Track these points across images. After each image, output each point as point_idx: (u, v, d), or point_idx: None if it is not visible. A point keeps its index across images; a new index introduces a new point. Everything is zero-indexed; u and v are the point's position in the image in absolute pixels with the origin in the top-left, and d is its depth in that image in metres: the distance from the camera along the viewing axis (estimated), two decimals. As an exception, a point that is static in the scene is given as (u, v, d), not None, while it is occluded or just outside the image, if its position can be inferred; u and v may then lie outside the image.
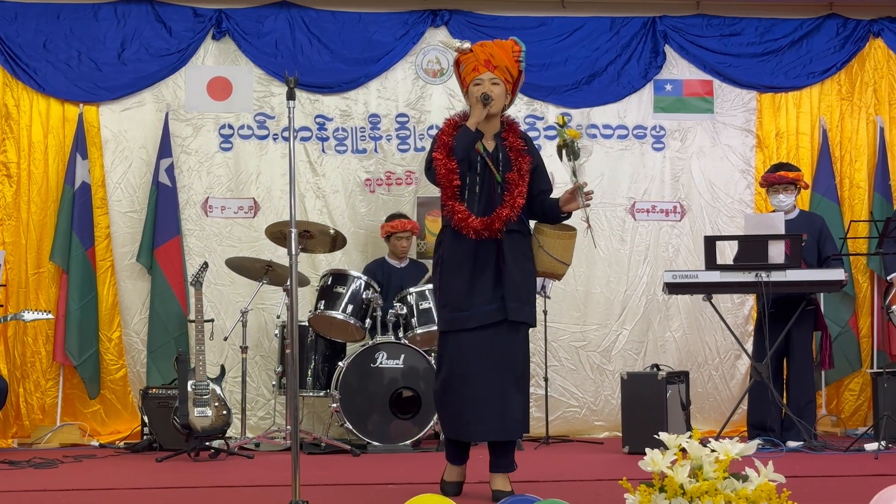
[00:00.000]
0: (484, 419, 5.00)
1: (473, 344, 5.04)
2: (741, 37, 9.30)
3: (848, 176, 9.28)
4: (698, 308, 8.82)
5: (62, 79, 8.75)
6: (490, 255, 5.06)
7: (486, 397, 5.00)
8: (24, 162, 8.73)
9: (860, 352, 9.06)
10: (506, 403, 5.00)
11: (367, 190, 8.94)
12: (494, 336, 5.03)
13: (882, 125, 9.26)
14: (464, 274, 5.10)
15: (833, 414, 9.10)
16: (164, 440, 7.80)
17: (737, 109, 9.29)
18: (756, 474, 3.22)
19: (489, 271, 5.06)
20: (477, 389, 5.00)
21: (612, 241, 9.11)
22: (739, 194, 9.18)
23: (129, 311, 8.80)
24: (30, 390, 8.62)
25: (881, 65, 9.36)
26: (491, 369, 5.01)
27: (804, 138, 9.28)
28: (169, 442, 7.72)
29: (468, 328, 5.05)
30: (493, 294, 5.03)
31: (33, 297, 8.64)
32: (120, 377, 8.70)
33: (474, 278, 5.07)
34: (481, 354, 5.03)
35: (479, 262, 5.07)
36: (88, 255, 8.60)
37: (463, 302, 5.07)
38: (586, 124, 9.10)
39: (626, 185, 9.16)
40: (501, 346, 5.04)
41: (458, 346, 5.09)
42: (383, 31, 9.03)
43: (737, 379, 8.98)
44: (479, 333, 5.04)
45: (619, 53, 9.20)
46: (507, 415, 5.00)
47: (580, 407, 8.95)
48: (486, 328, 5.03)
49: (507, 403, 5.00)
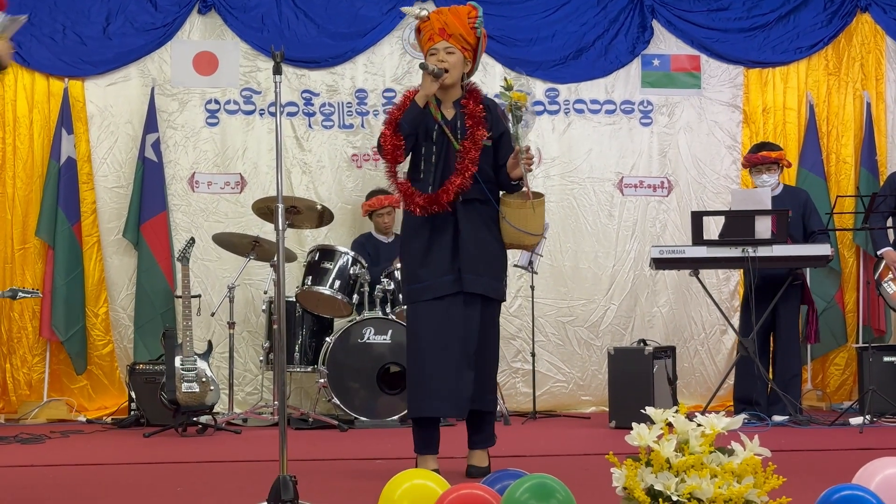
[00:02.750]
0: (438, 395, 4.93)
1: (429, 317, 4.98)
2: (728, 11, 9.30)
3: (835, 151, 9.30)
4: (685, 283, 8.85)
5: (47, 53, 8.71)
6: (447, 226, 4.99)
7: (438, 372, 4.92)
8: (10, 137, 8.71)
9: (846, 327, 9.11)
10: (456, 380, 4.90)
11: (353, 165, 8.95)
12: (449, 309, 4.95)
13: (869, 100, 9.27)
14: (420, 245, 5.05)
15: (818, 388, 9.14)
16: (152, 416, 7.81)
17: (724, 85, 9.30)
18: (742, 448, 3.23)
19: (446, 242, 4.99)
20: (430, 365, 4.94)
21: (599, 217, 9.13)
22: (726, 170, 9.20)
23: (116, 287, 8.79)
24: (16, 366, 8.62)
25: (868, 40, 9.37)
26: (444, 344, 4.93)
27: (791, 114, 9.30)
28: (156, 417, 7.72)
29: (424, 299, 5.00)
30: (450, 266, 4.96)
31: (19, 273, 8.63)
32: (107, 353, 8.70)
33: (430, 250, 5.01)
34: (435, 328, 4.95)
35: (434, 234, 5.01)
36: (74, 231, 8.59)
37: (419, 274, 5.03)
38: (574, 99, 9.13)
39: (614, 160, 9.18)
40: (456, 320, 4.94)
41: (415, 319, 5.07)
42: (370, 6, 8.98)
43: (723, 354, 9.02)
44: (434, 305, 4.97)
45: (607, 28, 9.18)
46: (457, 392, 4.91)
47: (567, 382, 8.98)
48: (442, 300, 4.95)
49: (458, 380, 4.91)
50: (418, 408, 5.03)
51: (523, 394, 8.62)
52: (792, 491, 3.34)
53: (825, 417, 7.85)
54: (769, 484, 3.25)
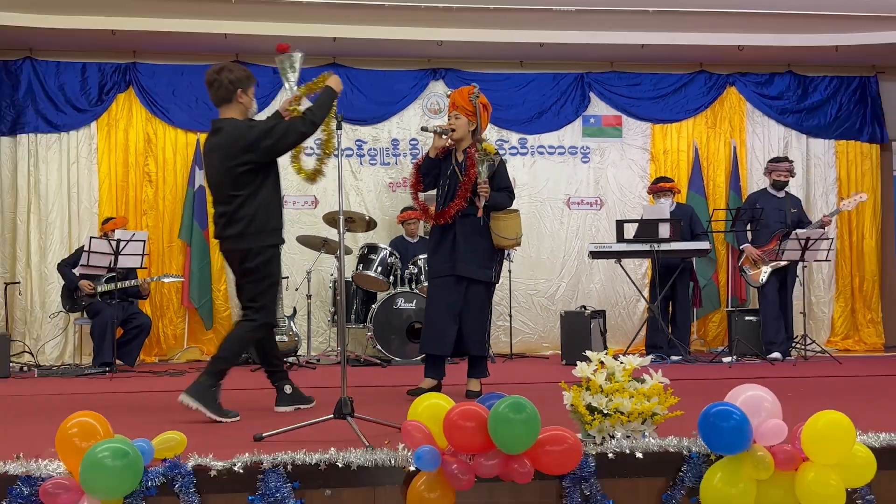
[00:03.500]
0: (431, 340, 5.09)
1: (433, 290, 5.13)
2: (640, 87, 9.26)
3: (712, 179, 9.28)
4: (612, 268, 8.79)
5: (185, 116, 8.71)
6: (450, 232, 5.07)
7: (436, 325, 5.05)
8: (161, 172, 8.72)
9: (720, 296, 9.10)
10: (443, 331, 5.02)
11: (390, 190, 8.93)
12: (446, 285, 5.04)
13: (735, 145, 9.26)
14: (434, 244, 5.17)
15: (701, 338, 9.15)
16: (255, 356, 7.78)
17: (637, 135, 9.27)
18: (650, 378, 3.22)
19: (448, 242, 5.07)
20: (431, 319, 5.09)
21: (554, 224, 9.11)
22: (639, 192, 9.15)
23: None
24: (165, 324, 8.65)
25: (734, 105, 9.36)
26: (441, 307, 5.04)
27: (683, 154, 9.27)
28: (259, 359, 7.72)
29: (431, 278, 5.15)
30: (449, 257, 5.04)
31: (167, 263, 8.66)
32: (226, 315, 8.68)
33: (439, 247, 5.11)
34: (435, 297, 5.09)
35: (442, 237, 5.11)
36: (204, 234, 8.57)
37: (432, 262, 5.17)
38: (537, 145, 9.11)
39: (564, 186, 9.15)
40: (450, 292, 5.03)
41: (429, 290, 5.20)
42: (401, 83, 8.99)
43: (637, 315, 8.98)
44: (436, 282, 5.10)
45: (559, 98, 9.15)
46: (443, 338, 5.03)
47: (533, 334, 8.96)
48: (442, 279, 5.06)
49: (445, 330, 5.02)
50: (422, 348, 5.23)
51: (503, 342, 8.59)
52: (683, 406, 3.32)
53: (706, 357, 7.90)
54: (668, 402, 3.24)
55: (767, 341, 7.69)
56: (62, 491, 2.74)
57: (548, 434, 2.93)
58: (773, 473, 2.95)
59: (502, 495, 3.04)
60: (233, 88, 4.43)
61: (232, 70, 4.46)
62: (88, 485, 2.72)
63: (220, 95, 4.46)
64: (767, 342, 7.69)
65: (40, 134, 8.54)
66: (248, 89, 4.49)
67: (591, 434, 3.15)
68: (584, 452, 3.02)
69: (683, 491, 3.07)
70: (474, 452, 2.93)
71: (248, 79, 4.50)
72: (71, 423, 2.83)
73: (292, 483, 2.92)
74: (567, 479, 3.02)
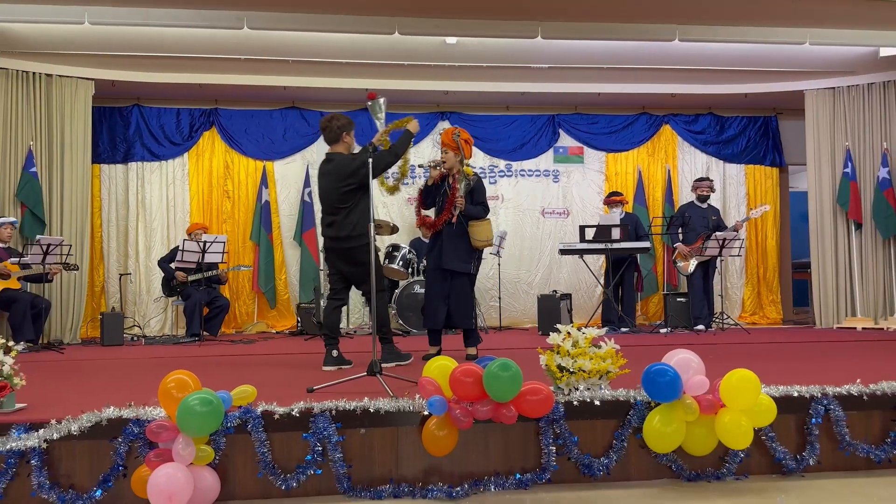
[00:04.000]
0: (429, 317, 5.04)
1: (430, 279, 5.05)
2: (598, 125, 9.20)
3: (651, 195, 9.21)
4: (576, 262, 8.77)
5: (255, 149, 8.68)
6: (440, 237, 5.03)
7: (431, 306, 5.02)
8: (237, 191, 8.70)
9: (658, 283, 9.04)
10: (435, 311, 4.99)
11: (409, 204, 8.85)
12: (437, 277, 5.00)
13: (669, 169, 9.20)
14: (429, 246, 5.13)
15: (644, 314, 9.09)
16: (308, 329, 7.80)
17: (595, 161, 9.20)
18: (605, 344, 3.22)
19: (439, 244, 5.02)
20: (429, 303, 5.04)
21: (532, 229, 9.05)
22: (596, 205, 9.09)
23: (290, 265, 8.76)
24: (240, 304, 8.63)
25: (669, 139, 9.29)
26: (433, 293, 5.01)
27: (630, 176, 9.20)
28: (310, 330, 7.72)
29: (429, 271, 5.09)
30: (439, 255, 5.00)
31: (241, 259, 8.64)
32: (286, 298, 8.67)
33: (433, 248, 5.06)
34: (431, 285, 5.04)
35: (436, 240, 5.06)
36: (269, 237, 8.58)
37: (428, 259, 5.11)
38: (519, 169, 9.04)
39: (539, 200, 9.09)
40: (440, 282, 4.99)
41: (426, 280, 5.12)
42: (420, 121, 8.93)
43: (596, 297, 8.91)
44: (432, 274, 5.04)
45: (535, 133, 9.09)
46: (436, 316, 5.00)
47: (517, 312, 8.90)
48: (435, 271, 5.01)
49: (437, 310, 4.99)
50: (424, 324, 5.18)
51: (494, 318, 8.57)
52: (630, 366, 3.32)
53: (647, 329, 7.81)
54: (619, 363, 3.24)
55: (694, 316, 7.65)
56: (163, 430, 2.75)
57: (528, 387, 2.94)
58: (698, 416, 2.95)
59: (494, 433, 3.04)
60: (339, 132, 4.70)
61: (339, 119, 4.73)
62: (183, 426, 2.73)
63: (331, 137, 4.72)
64: (694, 317, 7.65)
65: (145, 162, 8.55)
66: (350, 132, 4.74)
67: (560, 387, 3.15)
68: (555, 401, 3.02)
69: (630, 430, 3.07)
70: (472, 401, 2.94)
71: (350, 124, 4.76)
72: (169, 379, 2.84)
73: (336, 424, 2.93)
74: (542, 420, 3.02)
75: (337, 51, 7.37)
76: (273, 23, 6.58)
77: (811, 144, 8.42)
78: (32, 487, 2.77)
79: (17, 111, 7.41)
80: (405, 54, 7.50)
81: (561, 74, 8.22)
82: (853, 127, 8.28)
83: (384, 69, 7.90)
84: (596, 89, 8.56)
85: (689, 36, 6.94)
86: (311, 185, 8.63)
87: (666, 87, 8.57)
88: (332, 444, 2.89)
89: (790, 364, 4.57)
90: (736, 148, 9.35)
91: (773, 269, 9.32)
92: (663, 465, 3.08)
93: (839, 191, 8.19)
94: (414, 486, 2.93)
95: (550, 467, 2.99)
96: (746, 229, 9.20)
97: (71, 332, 7.54)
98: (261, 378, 4.17)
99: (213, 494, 2.80)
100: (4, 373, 2.97)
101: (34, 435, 2.79)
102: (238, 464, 2.90)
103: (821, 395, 3.20)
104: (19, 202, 7.33)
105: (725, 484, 3.02)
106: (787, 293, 9.44)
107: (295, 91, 8.40)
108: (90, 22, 6.33)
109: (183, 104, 8.64)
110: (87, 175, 7.80)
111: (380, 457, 2.97)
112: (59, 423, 2.82)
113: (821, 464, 3.17)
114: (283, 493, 2.89)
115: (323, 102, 8.78)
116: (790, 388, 3.22)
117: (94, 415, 2.85)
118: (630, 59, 7.76)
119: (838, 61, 7.85)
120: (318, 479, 2.91)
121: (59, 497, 2.77)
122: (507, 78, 8.30)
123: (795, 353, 5.33)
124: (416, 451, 2.99)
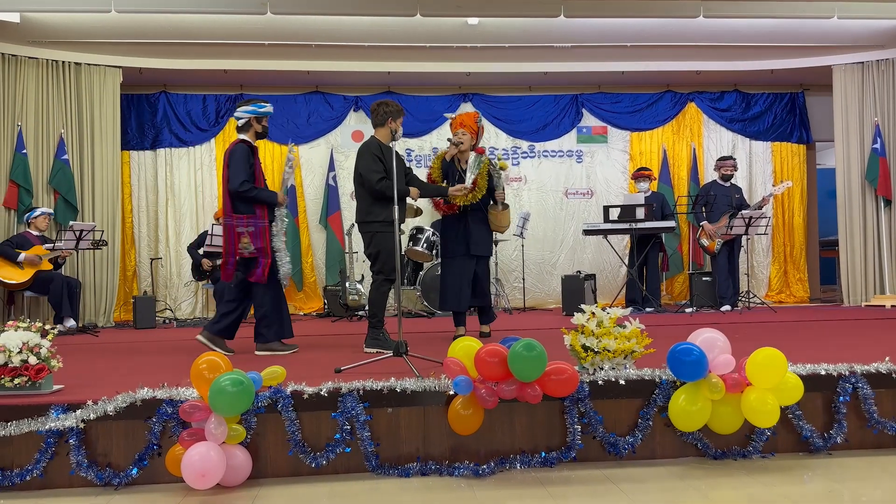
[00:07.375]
0: (454, 299, 5.05)
1: (454, 262, 5.07)
2: (621, 104, 9.10)
3: (676, 174, 9.11)
4: (601, 242, 8.72)
5: (280, 133, 8.71)
6: (462, 221, 5.04)
7: (456, 289, 5.03)
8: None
9: (683, 262, 8.95)
10: (460, 292, 5.02)
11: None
12: (463, 261, 5.03)
13: (694, 147, 9.08)
14: (446, 228, 5.12)
15: (669, 294, 9.04)
16: (334, 311, 7.86)
17: (619, 141, 9.11)
18: (630, 324, 3.20)
19: (462, 228, 5.04)
20: (454, 285, 5.05)
21: (556, 209, 9.01)
22: (620, 184, 9.03)
23: (316, 248, 8.82)
24: (268, 288, 8.71)
25: (694, 116, 9.17)
26: (459, 276, 5.03)
27: (654, 155, 9.10)
28: (337, 312, 7.79)
29: (451, 255, 5.09)
30: (464, 241, 5.02)
31: (269, 242, 8.71)
32: (312, 280, 8.74)
33: (454, 231, 5.07)
34: (456, 268, 5.05)
35: (457, 223, 5.06)
36: (295, 221, 8.64)
37: (448, 242, 5.11)
38: (542, 150, 9.00)
39: (563, 180, 9.03)
40: (466, 266, 5.03)
41: (446, 263, 5.11)
42: (439, 105, 8.91)
43: (620, 277, 8.87)
44: (457, 259, 5.06)
45: (559, 114, 9.02)
46: (460, 297, 5.03)
47: (540, 292, 8.90)
48: (461, 257, 5.03)
49: (461, 292, 5.02)
50: (443, 306, 5.16)
51: (518, 298, 8.57)
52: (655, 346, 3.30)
53: (672, 309, 7.75)
54: (644, 342, 3.22)
55: (720, 296, 7.58)
56: (195, 410, 2.79)
57: (552, 367, 2.93)
58: (724, 395, 2.93)
59: (519, 412, 3.05)
60: (385, 117, 4.68)
61: (389, 105, 4.74)
62: (215, 405, 2.77)
63: (377, 120, 4.73)
64: (720, 296, 7.58)
65: (173, 148, 8.64)
66: (396, 119, 4.69)
67: (585, 367, 3.14)
68: (580, 380, 3.01)
69: (655, 409, 3.06)
70: (498, 380, 2.94)
71: (399, 112, 4.74)
72: (201, 360, 2.88)
73: (363, 403, 2.96)
74: (567, 400, 3.02)
75: (359, 34, 7.35)
76: (296, 7, 6.58)
77: (839, 120, 8.24)
78: (71, 466, 2.84)
79: (49, 100, 7.51)
80: (427, 36, 7.45)
81: (584, 53, 8.12)
82: (882, 102, 8.08)
83: (406, 52, 7.86)
84: (619, 68, 8.45)
85: (714, 12, 6.82)
86: (335, 169, 8.66)
87: (690, 64, 8.44)
88: (360, 422, 2.92)
89: (817, 342, 4.51)
90: (762, 125, 9.19)
91: (800, 247, 9.18)
92: (689, 443, 3.06)
93: (868, 167, 8.03)
94: (441, 464, 2.95)
95: (576, 446, 2.99)
96: (773, 206, 9.07)
97: (105, 316, 7.68)
98: (289, 359, 4.21)
99: (245, 472, 2.85)
100: (42, 355, 3.04)
101: (72, 415, 2.86)
102: (269, 442, 2.94)
103: (848, 374, 3.16)
104: (52, 189, 7.45)
105: (751, 462, 3.00)
106: (814, 271, 9.30)
107: (318, 75, 8.40)
108: (117, 10, 6.38)
109: (209, 90, 8.69)
110: (116, 161, 7.90)
111: (407, 435, 3.00)
112: (96, 404, 2.88)
113: (848, 442, 3.13)
114: (312, 470, 2.93)
115: (346, 86, 8.78)
116: (817, 367, 3.18)
117: (129, 395, 2.90)
118: (654, 37, 7.64)
119: (867, 35, 7.65)
120: (347, 457, 2.94)
121: (97, 475, 2.84)
122: (530, 58, 8.22)
123: (823, 332, 5.25)
124: (442, 429, 3.00)
